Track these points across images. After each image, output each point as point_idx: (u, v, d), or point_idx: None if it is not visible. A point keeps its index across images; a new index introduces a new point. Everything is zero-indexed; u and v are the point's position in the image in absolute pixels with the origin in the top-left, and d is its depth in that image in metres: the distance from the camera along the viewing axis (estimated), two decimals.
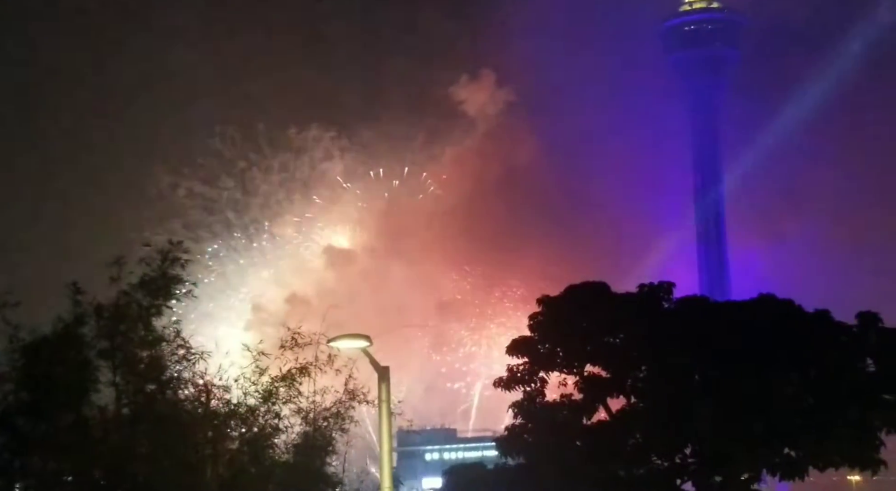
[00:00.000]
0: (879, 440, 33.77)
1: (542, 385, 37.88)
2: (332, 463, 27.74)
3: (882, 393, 34.04)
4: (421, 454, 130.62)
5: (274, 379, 25.12)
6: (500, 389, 38.30)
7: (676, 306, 38.49)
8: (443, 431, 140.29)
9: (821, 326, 35.87)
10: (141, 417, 23.04)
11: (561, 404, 37.38)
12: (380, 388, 17.04)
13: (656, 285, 38.72)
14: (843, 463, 34.88)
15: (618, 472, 36.81)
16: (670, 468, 36.98)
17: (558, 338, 37.93)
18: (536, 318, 38.45)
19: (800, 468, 34.60)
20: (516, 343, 38.26)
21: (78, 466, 22.25)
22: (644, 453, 37.04)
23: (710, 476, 36.84)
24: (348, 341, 17.40)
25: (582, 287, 39.00)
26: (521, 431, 37.73)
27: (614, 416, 37.01)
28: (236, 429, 25.11)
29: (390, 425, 16.76)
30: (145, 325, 23.30)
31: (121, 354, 22.89)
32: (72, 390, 21.96)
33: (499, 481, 37.95)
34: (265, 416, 25.21)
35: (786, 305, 37.18)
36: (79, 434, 22.07)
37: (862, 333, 35.27)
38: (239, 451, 25.00)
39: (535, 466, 36.56)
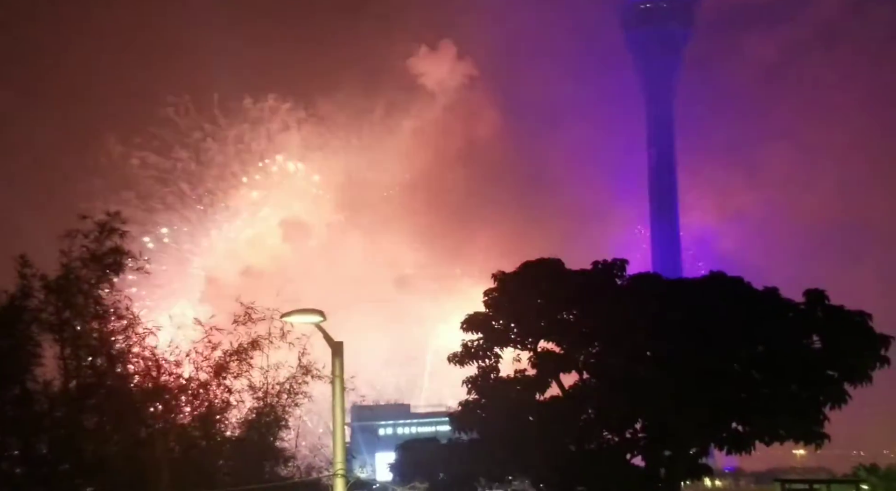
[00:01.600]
0: (823, 415, 34.43)
1: (496, 361, 38.04)
2: (285, 438, 27.69)
3: (827, 369, 34.67)
4: (374, 429, 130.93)
5: (226, 354, 24.95)
6: (454, 365, 38.37)
7: (629, 283, 38.78)
8: (396, 407, 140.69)
9: (769, 303, 36.40)
10: (89, 391, 22.76)
11: (514, 380, 37.59)
12: (333, 363, 16.96)
13: (610, 262, 38.97)
14: (789, 437, 35.54)
15: (569, 446, 37.22)
16: (621, 443, 37.45)
17: (513, 314, 38.07)
18: (491, 294, 38.55)
19: (746, 443, 35.20)
20: (471, 319, 38.32)
21: (23, 441, 21.93)
22: (595, 428, 37.45)
23: (659, 451, 37.41)
24: (302, 316, 17.25)
25: (537, 264, 39.12)
26: (474, 407, 37.90)
27: (567, 391, 37.33)
28: (187, 404, 24.92)
29: (343, 401, 16.72)
30: (93, 298, 22.95)
31: (68, 328, 22.55)
32: (16, 364, 21.58)
33: (452, 456, 38.11)
34: (217, 390, 25.05)
35: (736, 283, 37.66)
36: (24, 408, 21.73)
37: (809, 310, 35.87)
38: (190, 426, 24.84)
39: (488, 441, 36.78)
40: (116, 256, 23.00)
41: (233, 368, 25.06)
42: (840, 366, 34.43)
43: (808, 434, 34.67)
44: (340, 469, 16.14)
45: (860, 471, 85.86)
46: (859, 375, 34.00)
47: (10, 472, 22.31)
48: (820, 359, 34.87)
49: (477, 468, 37.49)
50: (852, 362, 34.18)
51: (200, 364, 24.67)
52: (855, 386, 34.18)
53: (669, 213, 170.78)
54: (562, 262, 39.25)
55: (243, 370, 25.36)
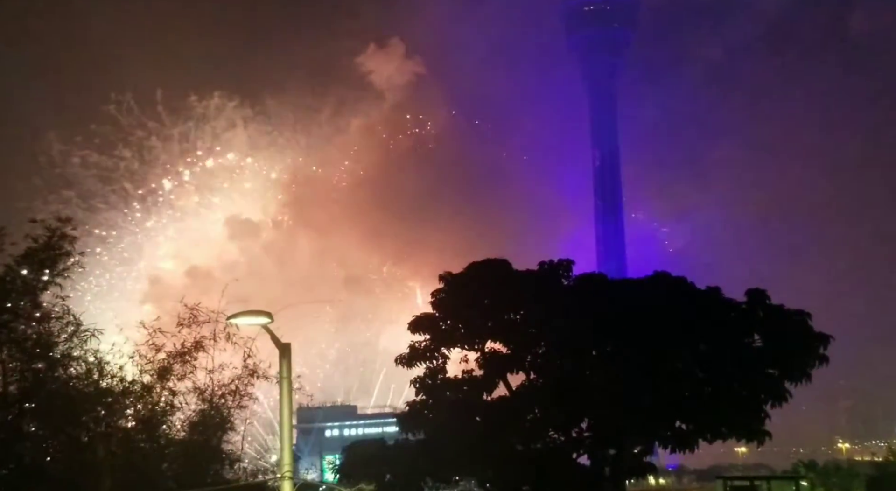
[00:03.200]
0: (765, 412, 35.08)
1: (444, 361, 38.06)
2: (231, 440, 27.38)
3: (767, 368, 35.35)
4: (321, 431, 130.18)
5: (170, 355, 24.60)
6: (401, 366, 38.30)
7: (575, 284, 39.10)
8: (343, 408, 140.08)
9: (711, 302, 36.97)
10: (28, 395, 22.26)
11: (462, 380, 37.64)
12: (281, 364, 16.79)
13: (556, 263, 39.24)
14: (731, 435, 36.17)
15: (516, 446, 37.38)
16: (566, 442, 37.72)
17: (460, 315, 38.11)
18: (438, 295, 38.56)
19: (690, 441, 35.69)
20: (418, 320, 38.29)
21: None
22: (541, 428, 37.66)
23: (604, 450, 37.76)
24: (249, 318, 17.06)
25: (483, 264, 39.23)
26: (421, 407, 37.86)
27: (513, 392, 37.48)
28: (131, 406, 24.52)
29: (291, 402, 16.57)
30: (32, 300, 22.46)
31: (6, 330, 22.02)
32: None
33: (399, 457, 38.00)
34: (161, 393, 24.68)
35: (679, 283, 38.19)
36: None
37: (750, 309, 36.51)
38: (133, 429, 24.44)
39: (435, 441, 36.77)
40: (54, 255, 22.49)
41: (177, 370, 24.71)
42: (780, 364, 35.11)
43: (750, 432, 35.27)
44: (288, 471, 16.00)
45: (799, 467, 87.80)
46: (799, 373, 34.71)
47: None
48: (761, 357, 35.52)
49: (424, 468, 37.43)
50: (792, 360, 34.87)
51: (144, 367, 24.28)
52: (795, 384, 34.88)
53: (614, 213, 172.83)
54: (508, 262, 39.43)
55: (187, 372, 25.02)
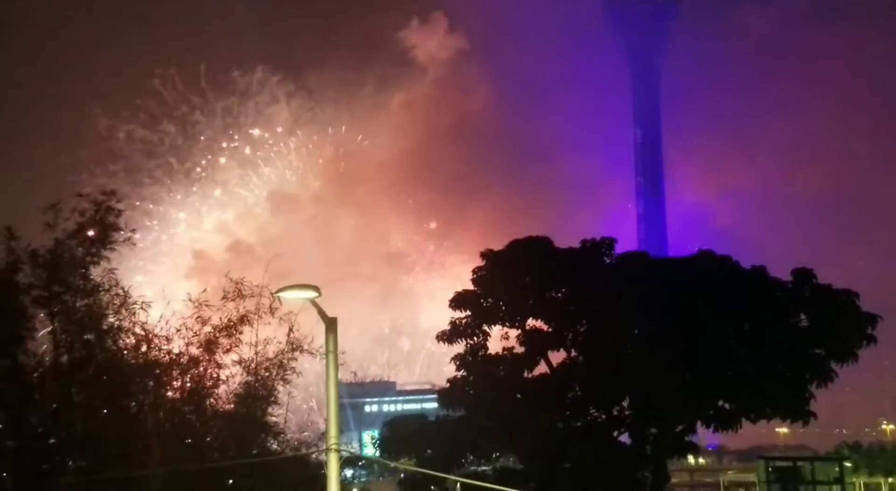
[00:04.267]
0: (810, 393, 34.77)
1: (485, 338, 38.16)
2: (274, 413, 27.69)
3: (813, 348, 34.98)
4: (360, 406, 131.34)
5: (216, 329, 24.89)
6: (442, 343, 38.47)
7: (617, 262, 38.93)
8: (382, 384, 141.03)
9: (756, 281, 36.61)
10: (79, 366, 22.69)
11: (503, 358, 37.72)
12: (327, 339, 16.90)
13: (598, 241, 39.08)
14: (775, 415, 35.91)
15: (556, 424, 37.45)
16: (608, 421, 37.72)
17: (501, 292, 38.14)
18: (479, 272, 38.60)
19: (733, 420, 35.53)
20: (459, 296, 38.39)
21: (13, 413, 21.89)
22: (582, 406, 37.68)
23: (645, 428, 37.70)
24: (296, 292, 17.17)
25: (525, 242, 39.17)
26: (462, 384, 38.04)
27: (554, 369, 37.50)
28: (177, 379, 24.88)
29: (336, 376, 16.69)
30: (82, 273, 22.84)
31: (57, 302, 22.44)
32: (6, 337, 21.49)
33: (439, 433, 38.27)
34: (206, 366, 25.01)
35: (723, 261, 37.86)
36: (14, 381, 21.67)
37: (796, 288, 36.11)
38: (180, 401, 24.81)
39: (476, 418, 36.94)
40: (105, 230, 22.85)
41: (222, 344, 25.01)
42: (827, 344, 34.72)
43: (794, 412, 35.01)
44: (334, 444, 16.16)
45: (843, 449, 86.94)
46: (845, 353, 34.32)
47: (2, 446, 22.29)
48: (807, 337, 35.16)
49: (464, 444, 37.66)
50: (839, 341, 34.48)
51: (190, 339, 24.62)
52: (841, 365, 34.49)
53: (656, 190, 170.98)
54: (550, 240, 39.33)
55: (233, 345, 25.32)
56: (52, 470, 22.20)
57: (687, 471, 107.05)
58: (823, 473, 61.33)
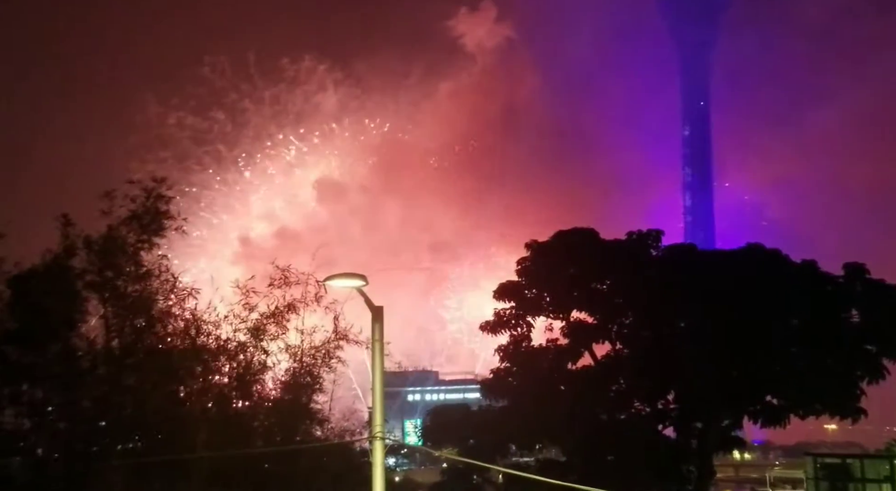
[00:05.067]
0: (860, 389, 34.20)
1: (529, 330, 38.06)
2: (319, 401, 27.85)
3: (865, 344, 34.38)
4: (402, 395, 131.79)
5: (263, 316, 25.09)
6: (486, 333, 38.45)
7: (664, 254, 38.56)
8: (424, 373, 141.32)
9: (807, 276, 36.06)
10: (130, 350, 23.03)
11: (547, 349, 37.62)
12: (373, 328, 16.95)
13: (645, 233, 38.73)
14: (825, 411, 35.39)
15: (600, 416, 37.25)
16: (652, 414, 37.44)
17: (546, 283, 38.00)
18: (524, 263, 38.48)
19: (781, 416, 35.08)
20: (503, 288, 38.33)
21: (66, 396, 22.31)
22: (627, 399, 37.45)
23: (690, 422, 37.35)
24: (344, 281, 17.22)
25: (570, 233, 38.96)
26: (506, 375, 38.02)
27: (598, 361, 37.30)
28: (225, 364, 25.13)
29: (382, 365, 16.75)
30: (134, 259, 23.18)
31: (110, 287, 22.81)
32: (60, 321, 21.91)
33: (482, 423, 38.32)
34: (253, 352, 25.22)
35: (772, 255, 37.33)
36: (67, 364, 22.08)
37: (848, 283, 35.49)
38: (227, 386, 25.06)
39: (519, 409, 36.89)
40: (157, 218, 23.17)
41: (269, 331, 25.20)
42: (878, 340, 34.10)
43: (844, 409, 34.47)
44: (379, 432, 16.23)
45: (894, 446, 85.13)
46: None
47: (54, 427, 22.74)
48: (858, 333, 34.55)
49: (507, 434, 37.66)
50: (891, 337, 33.83)
51: (237, 326, 24.84)
52: (893, 361, 33.85)
53: (704, 182, 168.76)
54: (596, 231, 39.06)
55: (279, 333, 25.50)
56: (101, 452, 22.58)
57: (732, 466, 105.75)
58: (873, 471, 60.18)
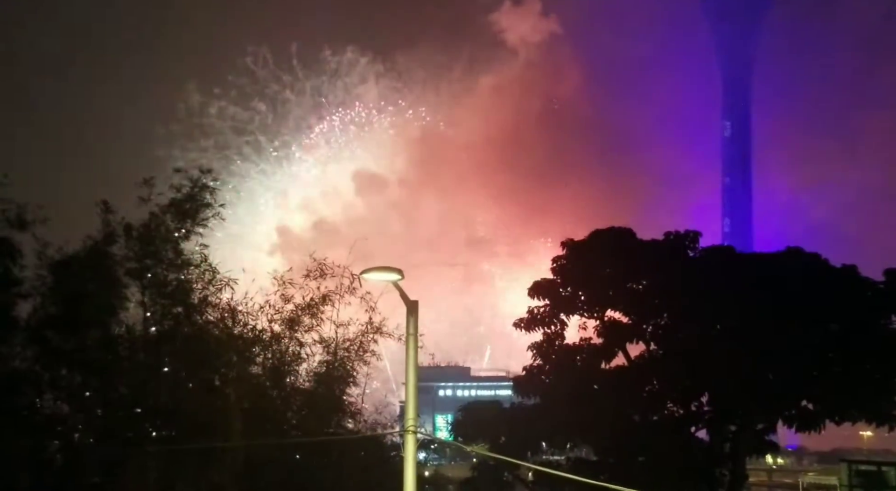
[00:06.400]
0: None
1: (562, 328, 37.93)
2: (352, 394, 28.02)
3: None
4: (434, 390, 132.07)
5: (298, 307, 25.27)
6: (520, 330, 38.38)
7: (701, 256, 38.24)
8: (457, 369, 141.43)
9: (846, 280, 35.57)
10: (167, 337, 23.31)
11: (580, 348, 37.46)
12: (408, 321, 17.02)
13: (682, 234, 38.41)
14: (861, 417, 34.85)
15: (633, 417, 37.06)
16: (685, 416, 37.16)
17: (581, 282, 37.84)
18: (560, 261, 38.35)
19: (816, 421, 34.63)
20: (538, 285, 38.22)
21: (104, 381, 22.61)
22: (660, 400, 37.18)
23: (724, 425, 37.03)
24: (381, 274, 17.29)
25: (606, 232, 38.75)
26: (538, 372, 37.90)
27: (632, 362, 37.08)
28: (260, 354, 25.35)
29: (416, 358, 16.81)
30: (174, 248, 23.44)
31: (149, 275, 23.10)
32: (100, 307, 22.21)
33: (514, 420, 38.25)
34: (288, 343, 25.42)
35: (812, 259, 36.87)
36: (106, 350, 22.38)
37: (888, 289, 34.97)
38: (262, 376, 25.28)
39: (551, 407, 36.79)
40: (199, 207, 23.41)
41: (304, 322, 25.39)
42: None
43: (880, 415, 33.97)
44: (412, 425, 16.29)
45: None
46: None
47: (91, 412, 23.08)
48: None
49: (539, 432, 37.57)
50: None
51: (273, 316, 25.05)
52: None
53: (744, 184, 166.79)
54: (632, 231, 38.82)
55: (314, 324, 25.69)
56: (137, 437, 22.87)
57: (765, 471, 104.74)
58: None
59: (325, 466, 26.02)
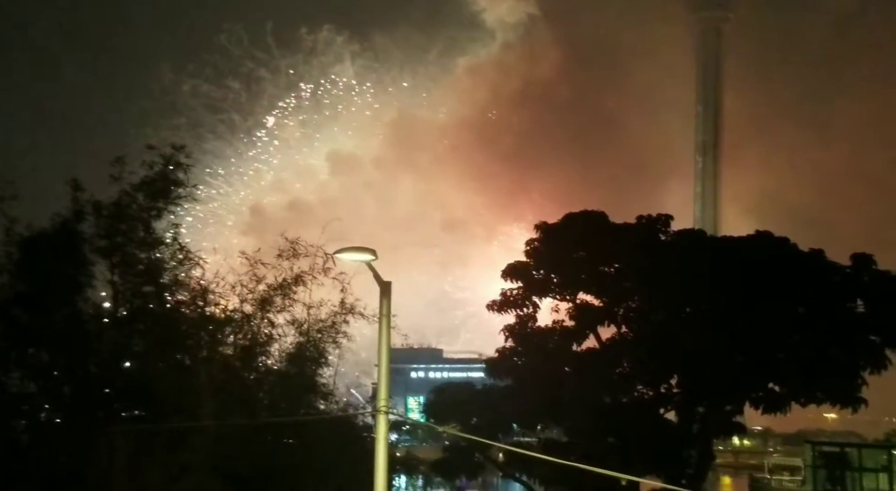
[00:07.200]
0: (863, 379, 34.25)
1: (535, 310, 38.17)
2: (324, 375, 28.01)
3: (869, 334, 34.39)
4: (406, 372, 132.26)
5: (270, 287, 25.17)
6: (493, 312, 38.55)
7: (673, 239, 38.54)
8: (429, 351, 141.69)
9: (814, 265, 36.02)
10: (137, 316, 23.12)
11: (552, 330, 37.72)
12: (381, 302, 17.01)
13: (654, 217, 38.70)
14: (826, 400, 35.43)
15: (603, 398, 37.41)
16: (655, 398, 37.57)
17: (553, 265, 38.09)
18: (533, 244, 38.56)
19: (782, 403, 35.14)
20: (511, 268, 38.44)
21: (72, 360, 22.41)
22: (630, 382, 37.56)
23: (692, 407, 37.47)
24: (354, 254, 17.21)
25: (580, 215, 38.97)
26: (510, 354, 38.16)
27: (604, 344, 37.40)
28: (231, 335, 25.23)
29: (389, 340, 16.81)
30: (145, 226, 23.20)
31: (119, 253, 22.86)
32: (69, 285, 21.98)
33: (486, 402, 38.48)
34: (260, 324, 25.32)
35: (780, 243, 37.28)
36: (74, 329, 22.16)
37: (855, 273, 35.46)
38: (233, 356, 25.17)
39: (523, 389, 37.06)
40: (170, 186, 23.14)
41: (277, 303, 25.29)
42: (883, 331, 34.12)
43: (845, 398, 34.51)
44: (384, 406, 16.31)
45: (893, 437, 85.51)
46: None
47: (59, 391, 22.88)
48: (863, 323, 34.56)
49: (510, 414, 37.84)
50: (894, 327, 33.85)
51: (245, 296, 24.93)
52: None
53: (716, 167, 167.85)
54: (605, 214, 39.06)
55: (287, 305, 25.59)
56: (106, 418, 22.71)
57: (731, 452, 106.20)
58: (871, 461, 60.40)
59: (297, 447, 26.02)
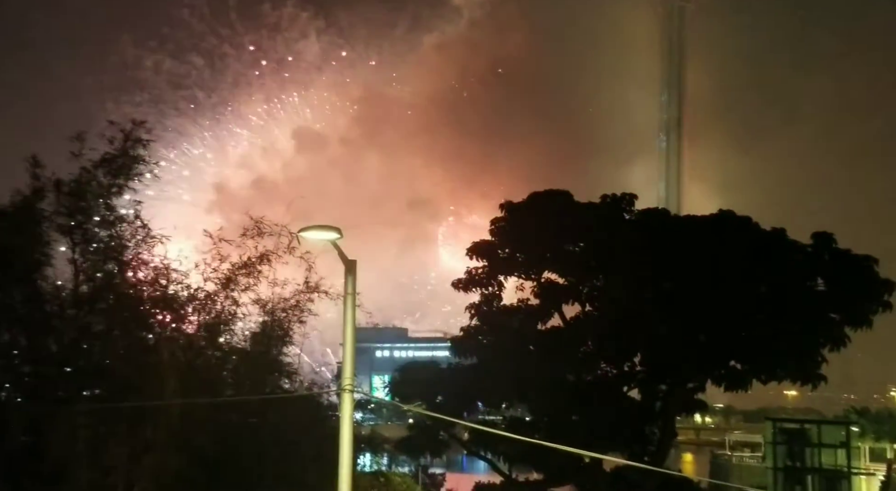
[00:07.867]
0: (822, 356, 34.78)
1: (500, 289, 38.29)
2: (289, 354, 27.84)
3: (829, 312, 34.90)
4: (371, 351, 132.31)
5: (234, 266, 24.92)
6: (458, 291, 38.61)
7: (637, 218, 38.77)
8: (394, 330, 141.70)
9: (776, 243, 36.43)
10: (99, 295, 22.81)
11: (517, 309, 37.89)
12: (346, 281, 16.91)
13: (619, 196, 38.88)
14: (787, 377, 35.99)
15: (567, 376, 37.68)
16: (618, 375, 37.93)
17: (518, 243, 38.19)
18: (498, 222, 38.60)
19: (744, 381, 35.63)
20: (476, 246, 38.50)
21: (32, 339, 22.09)
22: (594, 360, 37.88)
23: (655, 384, 37.89)
24: (318, 233, 17.06)
25: (544, 194, 39.06)
26: (475, 333, 38.28)
27: (568, 323, 37.62)
28: (195, 313, 24.97)
29: (354, 318, 16.74)
30: (106, 204, 22.84)
31: (80, 231, 22.50)
32: (28, 263, 21.61)
33: (451, 380, 38.60)
34: (224, 302, 25.08)
35: (743, 222, 37.65)
36: (34, 307, 21.83)
37: (815, 252, 35.92)
38: (196, 335, 24.93)
39: (488, 368, 37.21)
40: (131, 162, 22.76)
41: (241, 281, 25.05)
42: (842, 309, 34.63)
43: (805, 375, 35.08)
44: (349, 384, 16.26)
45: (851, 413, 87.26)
46: (861, 318, 34.25)
47: (19, 369, 22.54)
48: (823, 301, 35.05)
49: (475, 393, 38.01)
50: (854, 306, 34.38)
51: (209, 275, 24.67)
52: (855, 330, 34.43)
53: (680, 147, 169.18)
54: (570, 194, 39.18)
55: (251, 284, 25.36)
56: (68, 397, 22.43)
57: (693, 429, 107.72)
58: (830, 437, 61.65)
59: (262, 426, 25.87)
